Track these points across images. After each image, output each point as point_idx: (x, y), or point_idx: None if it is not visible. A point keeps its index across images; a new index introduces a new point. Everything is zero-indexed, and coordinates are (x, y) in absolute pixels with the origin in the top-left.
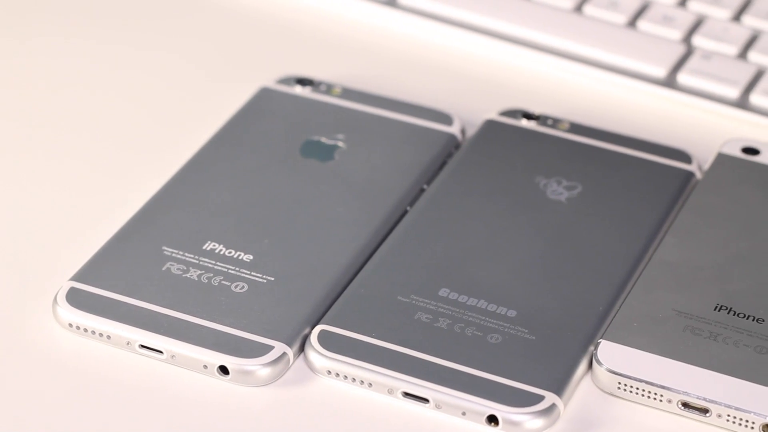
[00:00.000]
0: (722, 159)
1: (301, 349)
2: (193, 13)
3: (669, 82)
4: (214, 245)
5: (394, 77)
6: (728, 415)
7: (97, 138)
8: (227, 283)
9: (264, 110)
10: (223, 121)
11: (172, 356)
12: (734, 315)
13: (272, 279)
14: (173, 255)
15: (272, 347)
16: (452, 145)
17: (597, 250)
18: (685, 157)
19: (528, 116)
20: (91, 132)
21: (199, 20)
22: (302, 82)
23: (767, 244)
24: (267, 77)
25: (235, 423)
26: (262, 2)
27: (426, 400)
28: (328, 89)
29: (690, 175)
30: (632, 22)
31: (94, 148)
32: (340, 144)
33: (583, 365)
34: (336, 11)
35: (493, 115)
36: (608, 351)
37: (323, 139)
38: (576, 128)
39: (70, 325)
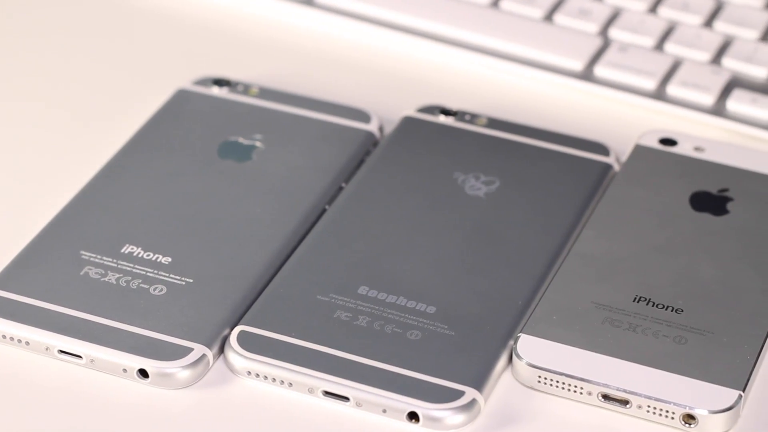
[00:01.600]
0: (640, 150)
1: (221, 350)
2: (106, 14)
3: (586, 75)
4: (132, 248)
5: (312, 76)
6: (648, 406)
7: (12, 142)
8: (146, 286)
9: (181, 112)
10: (141, 123)
11: (92, 361)
12: (653, 306)
13: (191, 281)
14: (91, 259)
15: (191, 349)
16: (370, 142)
17: (516, 244)
18: (602, 149)
19: (446, 112)
20: (5, 136)
21: (112, 22)
22: (219, 82)
23: (685, 235)
24: (184, 78)
25: (156, 426)
26: (177, 2)
27: (346, 399)
28: (246, 89)
29: (608, 167)
30: (549, 16)
31: (9, 153)
32: (258, 144)
33: (503, 360)
34: (252, 10)
35: (410, 111)
36: (528, 345)
37: (241, 140)
38: (494, 123)
39: None
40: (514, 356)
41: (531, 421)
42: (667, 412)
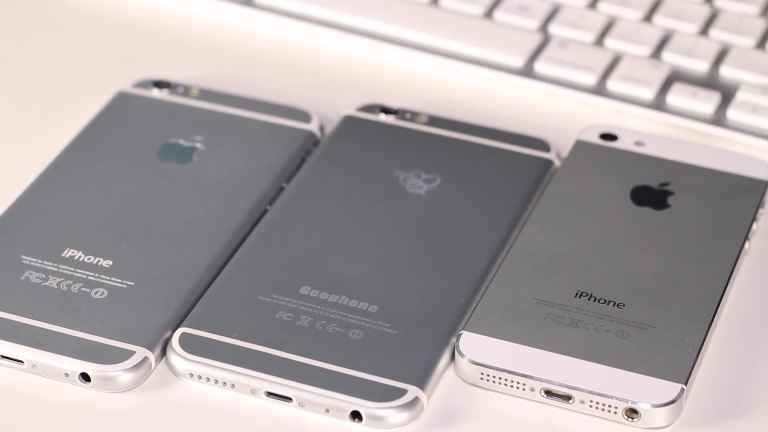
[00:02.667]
0: (580, 146)
1: (163, 352)
2: (43, 16)
3: (526, 71)
4: (73, 252)
5: (251, 76)
6: (591, 401)
7: None
8: (87, 289)
9: (121, 114)
10: (81, 126)
11: (33, 366)
12: (595, 301)
13: (132, 284)
14: (32, 263)
15: (133, 352)
16: (311, 142)
17: (458, 241)
18: (543, 145)
19: (386, 111)
20: None
21: (50, 24)
22: (159, 84)
23: (626, 230)
24: (124, 81)
25: (98, 429)
26: (115, 4)
27: (289, 399)
28: (186, 91)
29: (549, 163)
30: (488, 13)
31: None
32: (198, 146)
33: (445, 357)
34: (191, 11)
35: (351, 110)
36: (470, 342)
37: (181, 142)
38: (434, 121)
39: None
40: (456, 354)
41: (474, 418)
42: (610, 406)
